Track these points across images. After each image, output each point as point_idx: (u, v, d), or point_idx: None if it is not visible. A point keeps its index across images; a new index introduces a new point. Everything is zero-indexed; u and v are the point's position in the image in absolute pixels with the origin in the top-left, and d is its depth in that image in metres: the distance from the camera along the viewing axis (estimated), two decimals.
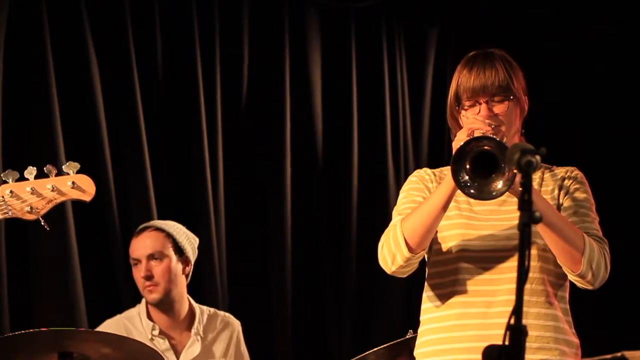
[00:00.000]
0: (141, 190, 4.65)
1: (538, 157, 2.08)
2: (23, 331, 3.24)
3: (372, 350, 3.67)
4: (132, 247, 3.97)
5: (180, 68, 4.86)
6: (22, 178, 2.95)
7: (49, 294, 4.40)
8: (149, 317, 3.96)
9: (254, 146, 5.09)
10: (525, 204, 2.02)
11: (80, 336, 3.33)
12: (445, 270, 2.79)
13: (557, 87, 5.68)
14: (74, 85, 4.55)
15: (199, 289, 4.46)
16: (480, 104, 2.75)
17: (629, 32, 5.68)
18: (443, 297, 2.79)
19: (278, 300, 5.05)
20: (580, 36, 5.70)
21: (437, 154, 5.49)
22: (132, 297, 4.21)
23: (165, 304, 3.93)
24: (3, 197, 2.93)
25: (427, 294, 2.84)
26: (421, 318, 2.87)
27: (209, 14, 4.94)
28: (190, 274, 4.01)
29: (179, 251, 3.94)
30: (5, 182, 2.94)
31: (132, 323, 3.94)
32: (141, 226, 3.99)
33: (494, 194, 2.57)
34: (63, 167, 2.99)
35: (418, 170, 2.96)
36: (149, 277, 3.89)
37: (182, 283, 3.96)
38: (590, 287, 2.74)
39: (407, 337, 3.58)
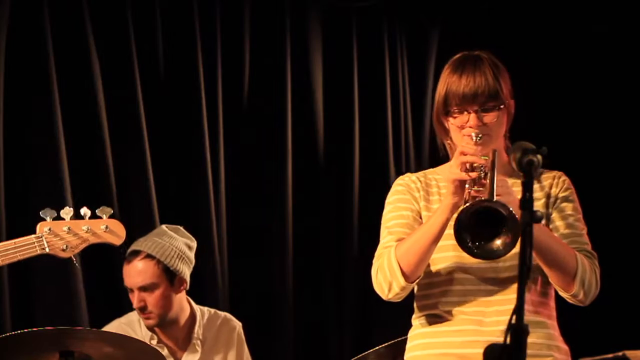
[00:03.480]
0: (142, 190, 4.64)
1: (539, 157, 2.08)
2: (25, 330, 3.24)
3: (372, 350, 3.67)
4: (124, 273, 3.89)
5: (181, 67, 4.85)
6: (58, 217, 3.15)
7: (51, 293, 4.40)
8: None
9: (255, 146, 5.09)
10: (526, 203, 2.02)
11: (81, 335, 3.33)
12: (437, 282, 2.78)
13: (556, 86, 5.67)
14: (76, 84, 4.55)
15: (200, 290, 4.45)
16: (469, 112, 2.74)
17: (627, 32, 5.67)
18: (435, 305, 2.78)
19: (279, 300, 5.05)
20: (579, 36, 5.70)
21: (438, 154, 5.47)
22: None
23: (163, 325, 3.90)
24: (42, 234, 3.12)
25: (417, 303, 2.84)
26: (413, 321, 2.86)
27: (210, 14, 4.94)
28: (188, 284, 3.95)
29: (172, 275, 3.86)
30: (43, 219, 3.13)
31: (132, 328, 3.92)
32: (131, 249, 3.86)
33: (495, 252, 2.51)
34: (97, 211, 3.22)
35: (402, 177, 2.92)
36: (142, 308, 3.84)
37: (178, 300, 3.90)
38: (581, 305, 2.75)
39: (408, 336, 3.58)
